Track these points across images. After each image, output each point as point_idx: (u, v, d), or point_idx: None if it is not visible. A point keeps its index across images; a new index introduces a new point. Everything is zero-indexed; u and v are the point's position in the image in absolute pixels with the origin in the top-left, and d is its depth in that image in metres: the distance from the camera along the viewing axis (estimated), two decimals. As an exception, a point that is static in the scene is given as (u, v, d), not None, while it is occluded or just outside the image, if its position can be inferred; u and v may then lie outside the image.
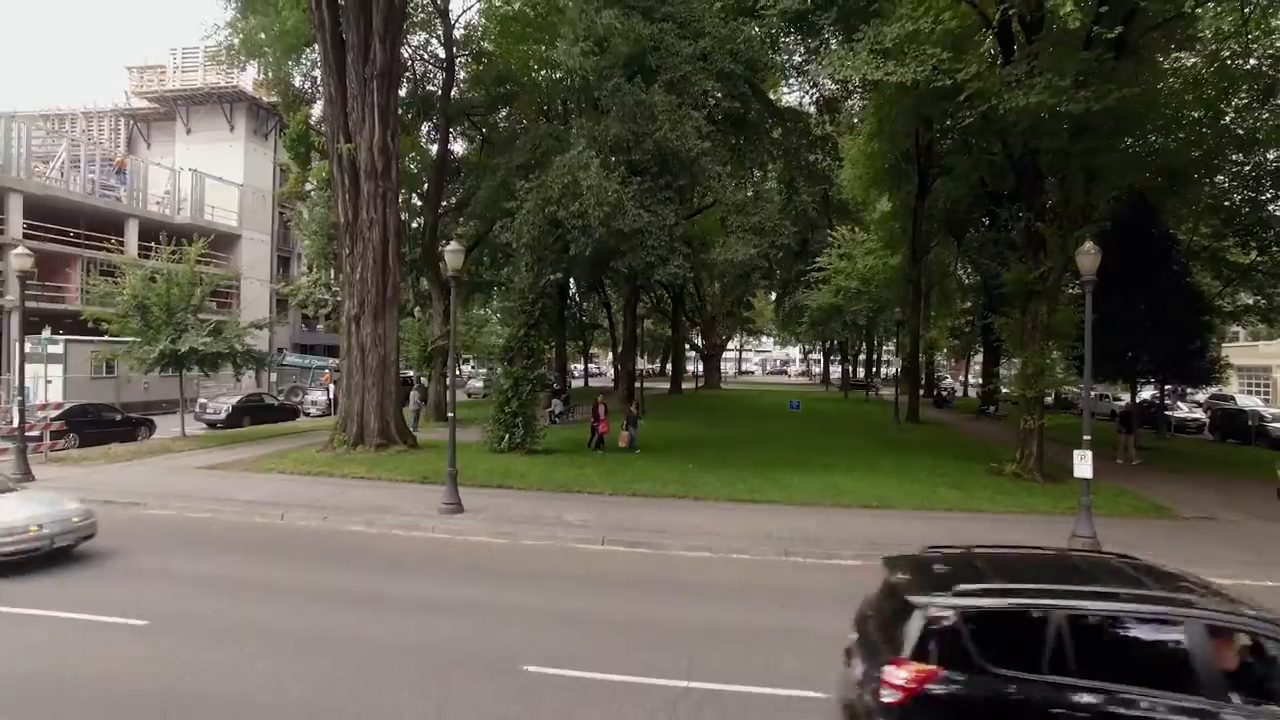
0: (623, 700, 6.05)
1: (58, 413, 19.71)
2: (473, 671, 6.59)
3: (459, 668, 6.68)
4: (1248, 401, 38.28)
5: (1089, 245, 10.78)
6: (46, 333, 20.97)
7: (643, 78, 16.76)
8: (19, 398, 15.40)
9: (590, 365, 70.14)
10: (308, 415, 31.02)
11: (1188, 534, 12.23)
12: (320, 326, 50.54)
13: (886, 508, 13.64)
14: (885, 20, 12.17)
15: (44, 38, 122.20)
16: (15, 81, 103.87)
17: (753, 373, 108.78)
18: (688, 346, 60.72)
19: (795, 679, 6.44)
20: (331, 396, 30.90)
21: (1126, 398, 32.08)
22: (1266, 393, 43.70)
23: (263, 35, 23.94)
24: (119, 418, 22.07)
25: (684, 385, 51.96)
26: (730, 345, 78.24)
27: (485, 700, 6.06)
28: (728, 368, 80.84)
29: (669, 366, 63.33)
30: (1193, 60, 19.44)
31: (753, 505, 13.79)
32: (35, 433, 19.06)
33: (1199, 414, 32.81)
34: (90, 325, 22.07)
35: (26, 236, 32.88)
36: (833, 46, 19.56)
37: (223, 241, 44.49)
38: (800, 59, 21.45)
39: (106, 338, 28.13)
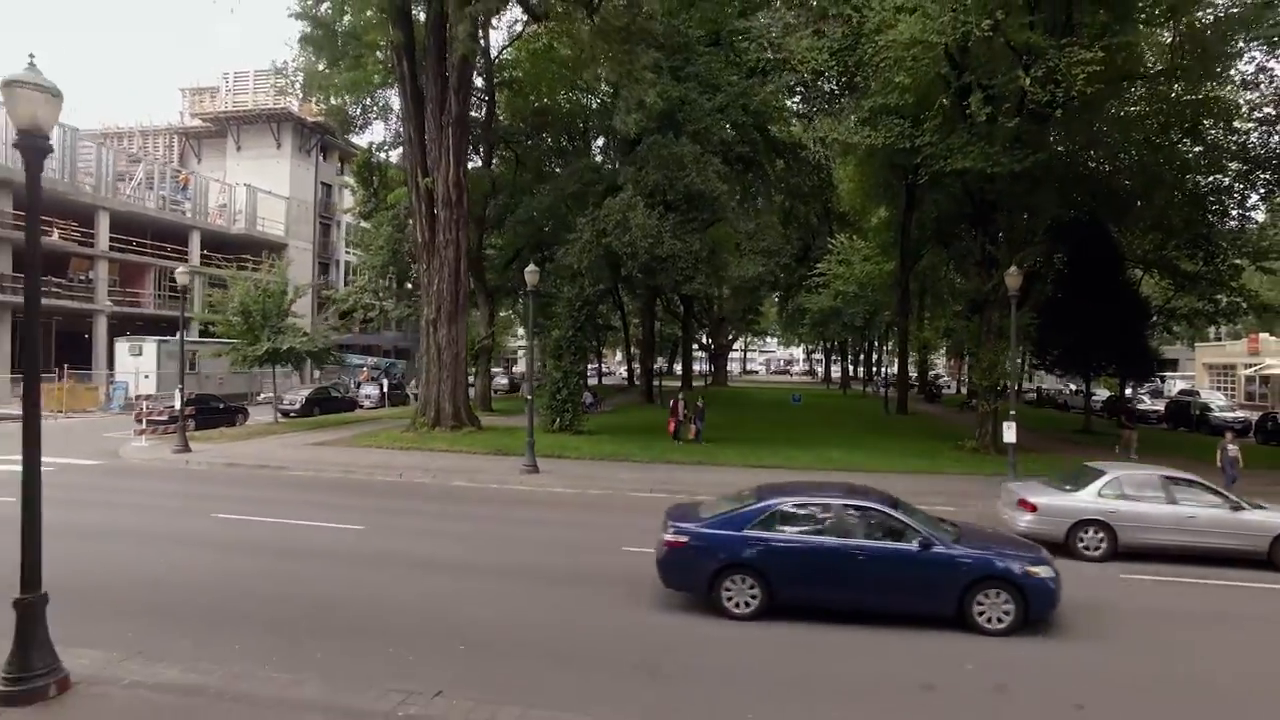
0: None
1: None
2: (593, 551, 10.50)
3: (585, 551, 10.56)
4: (1213, 396, 42.07)
5: (1013, 269, 14.56)
6: (178, 335, 24.72)
7: (672, 130, 20.67)
8: (180, 386, 19.25)
9: (601, 365, 73.80)
10: (362, 407, 34.87)
11: (1092, 487, 16.00)
12: (355, 329, 54.50)
13: (865, 470, 17.40)
14: (863, 95, 15.98)
15: (86, 57, 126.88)
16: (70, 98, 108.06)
17: (757, 372, 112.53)
18: (696, 346, 64.57)
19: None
20: (384, 391, 34.81)
21: (1126, 393, 36.08)
22: (1232, 387, 47.33)
23: (330, 74, 27.74)
24: (221, 406, 25.98)
25: (694, 383, 55.67)
26: (736, 345, 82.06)
27: (607, 561, 9.91)
28: (733, 367, 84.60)
29: (677, 365, 67.15)
30: (1139, 91, 22.92)
31: (761, 469, 17.56)
32: (163, 418, 23.09)
33: (1158, 406, 36.54)
34: (211, 329, 25.88)
35: (111, 248, 36.91)
36: (830, 89, 23.36)
37: (270, 249, 48.61)
38: (801, 101, 25.11)
39: (190, 338, 32.01)
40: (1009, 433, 14.74)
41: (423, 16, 22.70)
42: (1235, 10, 15.96)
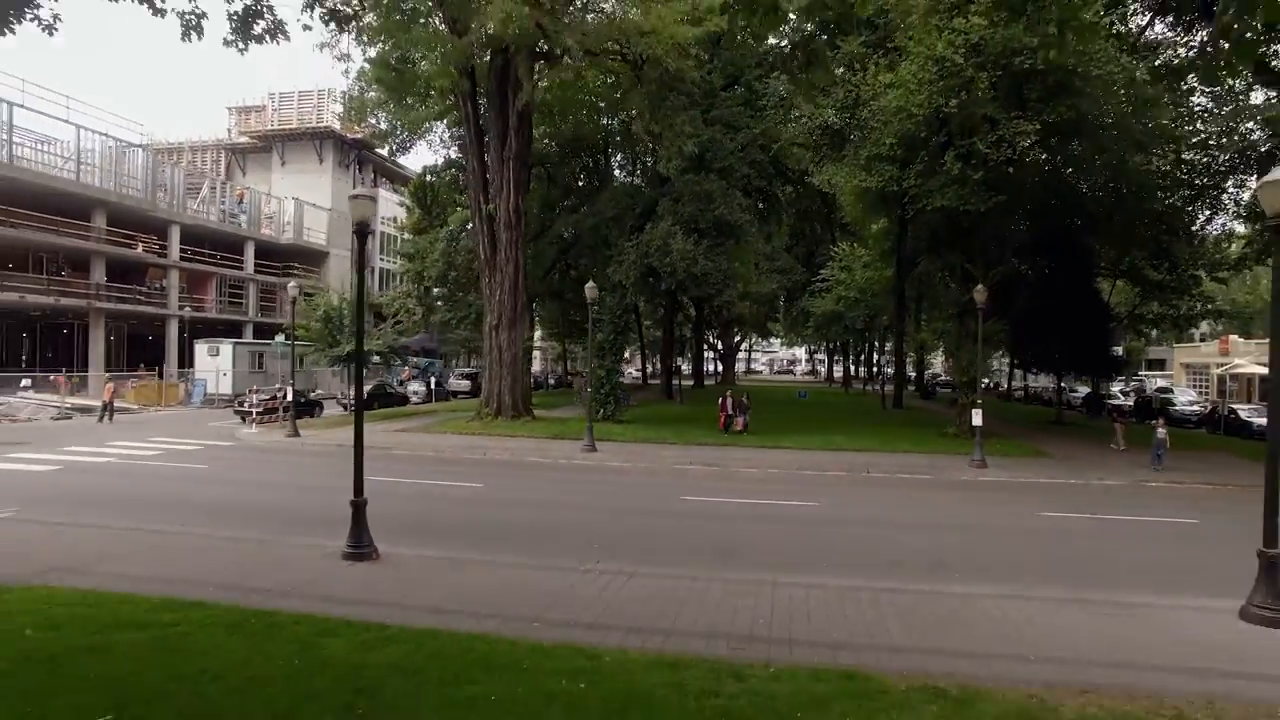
0: (740, 506, 13.68)
1: (274, 396, 27.41)
2: (660, 500, 14.26)
3: (654, 499, 14.34)
4: (1185, 393, 46.05)
5: (980, 287, 18.29)
6: (280, 338, 28.66)
7: (702, 168, 24.55)
8: (292, 383, 23.05)
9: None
10: (410, 402, 38.65)
11: (1045, 462, 19.84)
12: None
13: (861, 451, 21.21)
14: (860, 145, 19.79)
15: (129, 75, 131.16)
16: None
17: (760, 371, 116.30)
18: (705, 346, 68.50)
19: (807, 500, 14.07)
20: (431, 388, 38.62)
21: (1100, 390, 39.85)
22: (1205, 385, 51.00)
23: (394, 106, 31.60)
24: (304, 400, 29.77)
25: (705, 381, 59.53)
26: (742, 346, 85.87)
27: (672, 505, 13.70)
28: (738, 366, 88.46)
29: (686, 365, 71.16)
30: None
31: (776, 450, 21.37)
32: (260, 409, 26.95)
33: (1128, 402, 40.29)
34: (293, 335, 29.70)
35: (181, 258, 40.75)
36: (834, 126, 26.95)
37: (314, 257, 52.56)
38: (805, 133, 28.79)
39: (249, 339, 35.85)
40: (976, 418, 18.49)
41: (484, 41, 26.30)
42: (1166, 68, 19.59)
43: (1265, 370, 47.61)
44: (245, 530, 10.97)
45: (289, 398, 23.33)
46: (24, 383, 28.72)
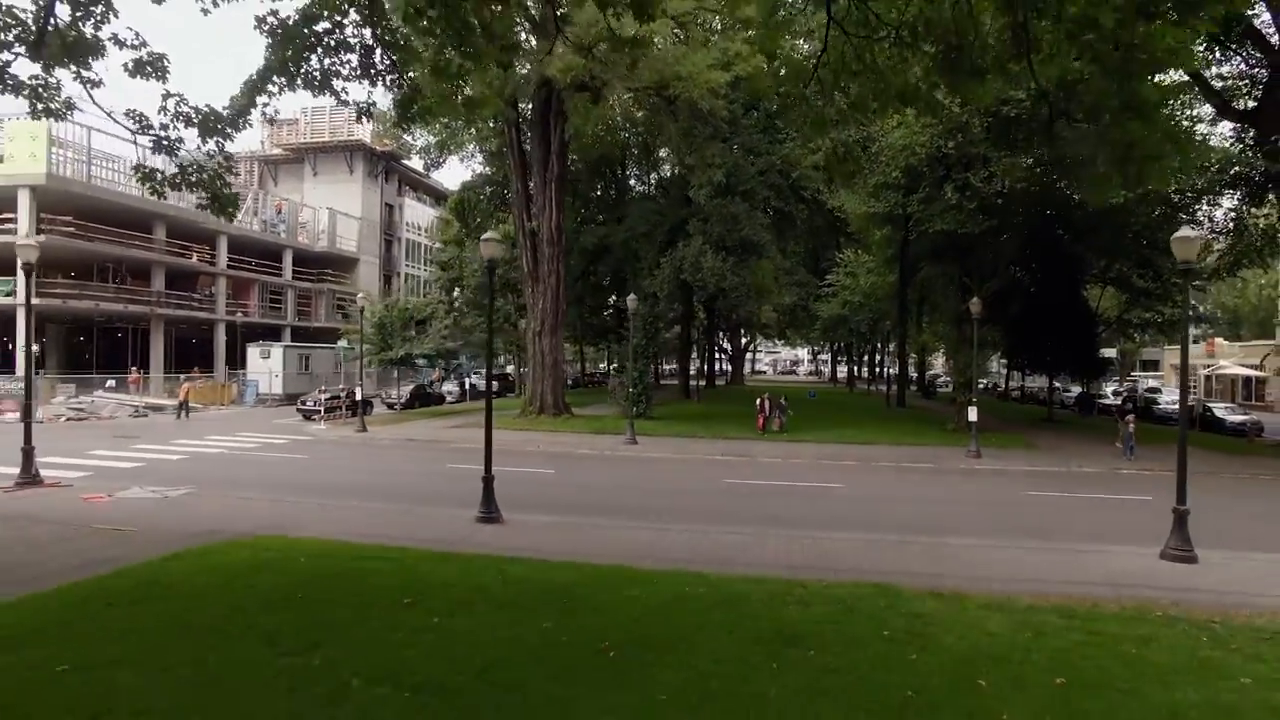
0: (774, 486, 16.34)
1: (338, 396, 30.11)
2: (706, 482, 16.94)
3: (700, 482, 17.01)
4: (1173, 392, 48.79)
5: (975, 299, 20.93)
6: (343, 342, 31.41)
7: (728, 192, 27.37)
8: (359, 385, 25.70)
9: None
10: (445, 401, 41.28)
11: (1033, 453, 22.49)
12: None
13: (869, 444, 23.89)
14: (870, 174, 22.56)
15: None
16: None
17: (764, 372, 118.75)
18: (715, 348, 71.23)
19: (829, 483, 16.73)
20: (467, 388, 41.28)
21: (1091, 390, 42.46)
22: (1194, 385, 53.66)
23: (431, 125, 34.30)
24: (358, 399, 32.43)
25: (716, 381, 62.14)
26: (749, 347, 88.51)
27: (717, 486, 16.36)
28: (744, 367, 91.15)
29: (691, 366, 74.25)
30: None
31: (793, 443, 24.03)
32: (320, 408, 29.60)
33: (1118, 401, 42.93)
34: (344, 341, 32.38)
35: (228, 266, 43.42)
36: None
37: (346, 264, 55.23)
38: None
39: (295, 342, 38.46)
40: (972, 414, 21.14)
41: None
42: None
43: (1247, 371, 50.48)
44: (377, 504, 13.61)
45: (358, 397, 25.99)
46: (109, 383, 31.39)
